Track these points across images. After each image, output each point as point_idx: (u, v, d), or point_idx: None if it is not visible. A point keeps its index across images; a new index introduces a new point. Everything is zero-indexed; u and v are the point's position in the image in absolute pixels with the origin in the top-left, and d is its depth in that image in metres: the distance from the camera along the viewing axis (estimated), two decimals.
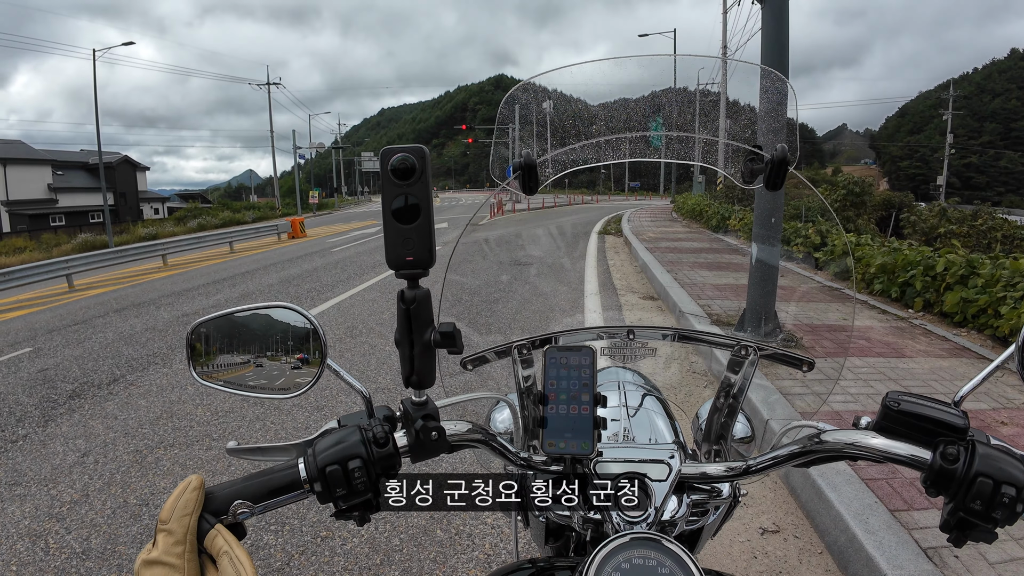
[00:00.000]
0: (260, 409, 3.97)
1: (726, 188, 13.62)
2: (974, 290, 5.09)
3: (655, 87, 0.84)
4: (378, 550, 2.40)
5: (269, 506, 0.55)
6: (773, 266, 3.72)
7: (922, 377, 3.81)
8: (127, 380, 4.81)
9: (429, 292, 0.58)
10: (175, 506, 0.51)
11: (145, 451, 3.42)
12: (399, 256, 0.55)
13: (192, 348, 0.60)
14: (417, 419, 0.60)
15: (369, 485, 0.55)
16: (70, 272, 11.56)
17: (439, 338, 0.58)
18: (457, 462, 2.89)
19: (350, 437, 0.56)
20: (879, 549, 1.99)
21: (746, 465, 0.64)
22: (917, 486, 2.42)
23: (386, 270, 10.10)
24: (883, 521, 2.16)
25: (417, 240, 0.55)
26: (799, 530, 2.43)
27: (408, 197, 0.54)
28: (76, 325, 7.27)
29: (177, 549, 0.49)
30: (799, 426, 0.65)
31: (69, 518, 2.73)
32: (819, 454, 0.59)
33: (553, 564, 0.68)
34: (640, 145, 0.75)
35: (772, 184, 0.65)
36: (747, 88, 0.80)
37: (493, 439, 0.64)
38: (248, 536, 2.50)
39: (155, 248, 14.88)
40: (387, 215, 0.54)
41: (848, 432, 0.58)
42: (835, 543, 2.23)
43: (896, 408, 0.55)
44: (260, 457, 0.62)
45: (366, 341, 5.58)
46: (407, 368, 0.59)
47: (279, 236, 20.33)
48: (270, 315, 0.61)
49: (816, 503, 2.44)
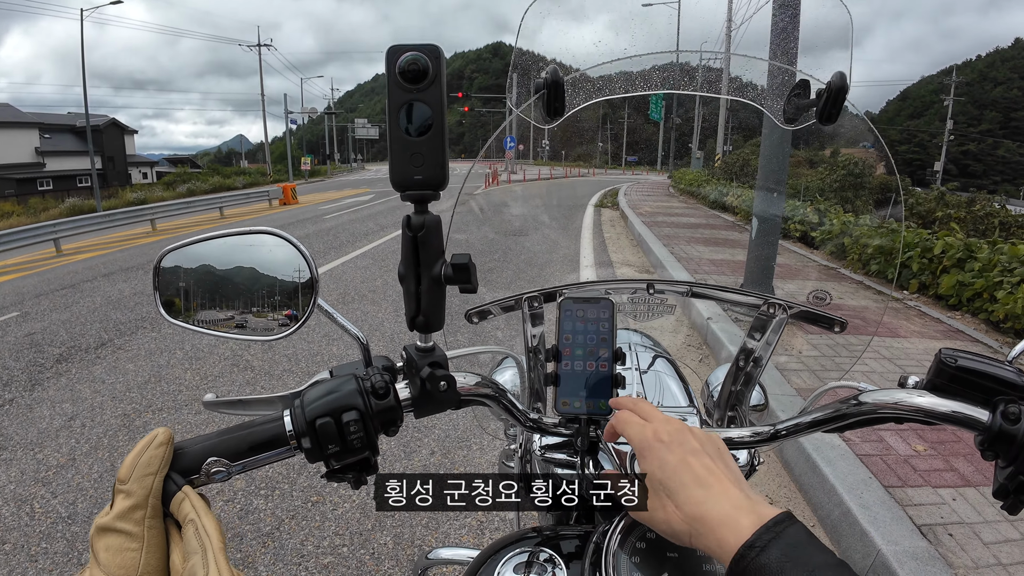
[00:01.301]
0: (250, 374, 3.92)
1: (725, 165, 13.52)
2: (970, 274, 5.08)
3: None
4: (369, 515, 2.38)
5: (248, 464, 0.48)
6: (773, 241, 3.67)
7: (916, 357, 3.81)
8: (115, 344, 4.73)
9: (440, 219, 0.50)
10: (136, 464, 0.43)
11: (133, 415, 3.37)
12: (406, 174, 0.47)
13: (159, 279, 0.53)
14: (423, 367, 0.53)
15: (366, 441, 0.48)
16: (58, 236, 11.39)
17: (451, 272, 0.50)
18: (450, 459, 2.86)
19: (344, 386, 0.49)
20: (873, 524, 1.99)
21: (774, 430, 0.59)
22: (912, 463, 2.42)
23: (379, 238, 10.05)
24: (877, 497, 2.16)
25: (428, 156, 0.47)
26: (792, 503, 2.43)
27: (418, 105, 0.46)
28: (64, 289, 7.15)
29: (136, 515, 0.42)
30: (837, 387, 0.60)
31: (55, 482, 2.69)
32: (857, 417, 0.54)
33: (559, 533, 0.63)
34: (675, 74, 0.67)
35: (828, 116, 0.58)
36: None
37: (503, 395, 0.57)
38: (237, 500, 2.48)
39: (144, 213, 14.66)
40: (393, 125, 0.46)
41: (892, 392, 0.53)
42: (828, 517, 2.23)
43: (953, 364, 0.49)
44: (241, 410, 0.55)
45: (358, 308, 5.51)
46: (412, 307, 0.51)
47: (270, 202, 20.05)
48: (251, 246, 0.53)
49: (810, 477, 2.43)
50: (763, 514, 0.40)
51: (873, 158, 6.29)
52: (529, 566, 0.56)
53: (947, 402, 0.50)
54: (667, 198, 9.44)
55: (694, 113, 26.30)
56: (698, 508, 0.42)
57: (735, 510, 0.41)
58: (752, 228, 4.44)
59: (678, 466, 0.45)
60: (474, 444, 2.93)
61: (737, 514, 0.40)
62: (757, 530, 0.38)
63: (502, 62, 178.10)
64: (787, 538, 0.37)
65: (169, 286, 0.54)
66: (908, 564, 1.80)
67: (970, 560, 1.86)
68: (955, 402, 0.50)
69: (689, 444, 0.47)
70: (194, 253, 0.53)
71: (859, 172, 9.07)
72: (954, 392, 0.50)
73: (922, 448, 2.55)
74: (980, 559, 1.87)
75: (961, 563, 1.84)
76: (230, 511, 2.42)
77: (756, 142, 11.48)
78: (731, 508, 0.41)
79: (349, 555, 2.16)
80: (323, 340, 4.52)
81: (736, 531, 0.39)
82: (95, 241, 12.57)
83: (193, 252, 0.53)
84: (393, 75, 0.46)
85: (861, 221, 7.65)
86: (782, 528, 0.38)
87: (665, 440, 0.47)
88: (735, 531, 0.39)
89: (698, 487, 0.43)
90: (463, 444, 2.92)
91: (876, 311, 5.06)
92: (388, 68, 0.46)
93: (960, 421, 0.49)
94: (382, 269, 7.28)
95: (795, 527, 0.38)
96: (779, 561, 0.36)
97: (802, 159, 6.34)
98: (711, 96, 0.72)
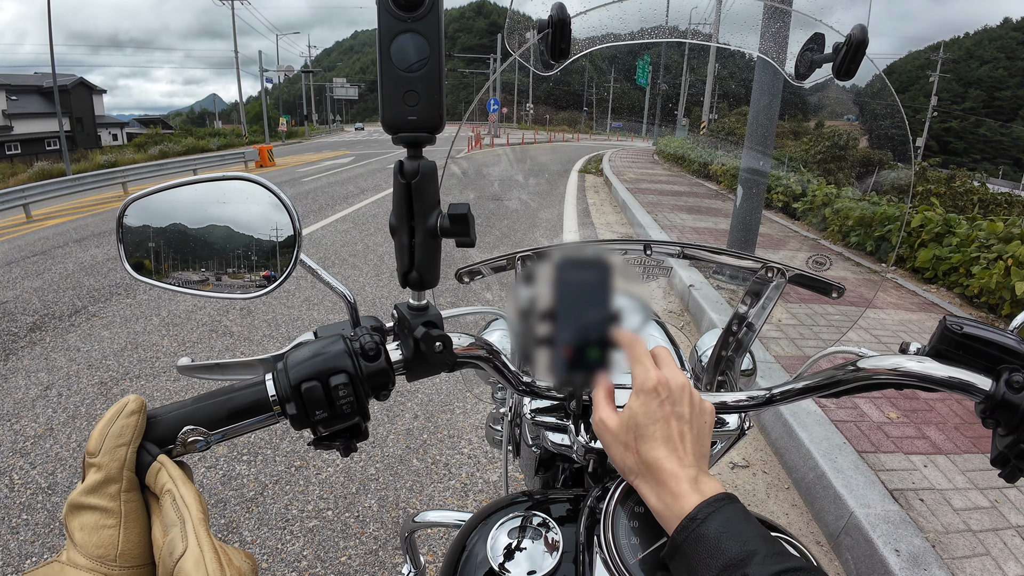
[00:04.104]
0: (229, 340, 3.86)
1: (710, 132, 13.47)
2: (948, 248, 5.17)
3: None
4: (353, 479, 2.39)
5: (228, 433, 0.45)
6: (758, 207, 3.68)
7: (891, 328, 3.89)
8: (89, 311, 4.61)
9: (435, 165, 0.46)
10: (105, 434, 0.40)
11: (110, 383, 3.31)
12: (399, 115, 0.42)
13: (124, 231, 0.48)
14: (417, 326, 0.49)
15: (356, 407, 0.45)
16: (27, 202, 10.97)
17: (447, 223, 0.46)
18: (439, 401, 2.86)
19: (331, 347, 0.45)
20: (847, 488, 2.05)
21: (769, 394, 0.58)
22: (885, 430, 2.49)
23: (359, 201, 9.88)
24: (851, 461, 2.22)
25: (424, 95, 0.42)
26: (767, 466, 2.50)
27: (413, 36, 0.41)
28: (35, 256, 6.92)
29: (110, 489, 0.39)
30: (836, 352, 0.59)
31: (33, 453, 2.64)
32: (854, 383, 0.54)
33: (549, 497, 0.63)
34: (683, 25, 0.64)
35: (846, 71, 0.55)
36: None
37: (497, 357, 0.55)
38: (219, 467, 2.46)
39: (114, 176, 14.18)
40: (384, 59, 0.41)
41: (893, 357, 0.52)
42: (803, 480, 2.29)
43: (959, 332, 0.49)
44: (219, 375, 0.52)
45: (339, 272, 5.44)
46: (405, 262, 0.48)
47: (246, 164, 19.51)
48: (225, 194, 0.48)
49: (786, 440, 2.49)
50: (706, 492, 0.44)
51: (857, 131, 6.29)
52: (523, 530, 0.55)
53: (949, 368, 0.49)
54: (651, 165, 9.38)
55: (680, 80, 26.03)
56: (656, 461, 0.46)
57: (687, 482, 0.44)
58: (737, 196, 4.45)
59: (659, 420, 0.47)
60: (457, 408, 2.94)
61: (688, 487, 0.44)
62: (699, 504, 0.42)
63: (486, 21, 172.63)
64: (726, 512, 0.42)
65: (138, 246, 0.50)
66: (880, 527, 1.87)
67: (940, 525, 1.93)
68: (957, 368, 0.49)
69: (679, 407, 0.48)
70: (163, 203, 0.49)
71: (843, 144, 9.11)
72: (957, 359, 0.50)
73: (895, 415, 2.62)
74: (950, 524, 1.94)
75: (932, 527, 1.91)
76: (212, 477, 2.41)
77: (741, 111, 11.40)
78: (685, 480, 0.45)
79: (334, 518, 2.17)
80: (303, 305, 4.45)
81: (682, 503, 0.43)
82: (66, 206, 12.15)
83: (161, 202, 0.49)
84: (384, 0, 0.41)
85: (844, 193, 7.72)
86: (721, 504, 0.42)
87: (662, 394, 0.48)
88: (681, 503, 0.43)
89: (664, 446, 0.46)
90: (446, 408, 2.94)
91: (855, 282, 5.15)
92: None
93: (962, 387, 0.49)
94: (362, 234, 7.17)
95: (734, 505, 0.43)
96: (716, 532, 0.40)
97: (787, 130, 6.32)
98: (722, 46, 0.68)
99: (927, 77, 54.04)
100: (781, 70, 0.65)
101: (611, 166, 10.20)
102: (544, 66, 0.59)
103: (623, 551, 0.46)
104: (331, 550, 2.03)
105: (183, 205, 0.49)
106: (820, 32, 0.60)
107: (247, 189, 0.48)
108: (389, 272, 5.41)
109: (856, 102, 1.10)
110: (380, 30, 0.41)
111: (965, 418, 2.64)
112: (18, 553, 2.03)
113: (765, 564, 0.38)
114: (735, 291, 3.37)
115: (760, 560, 0.38)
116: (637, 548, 0.46)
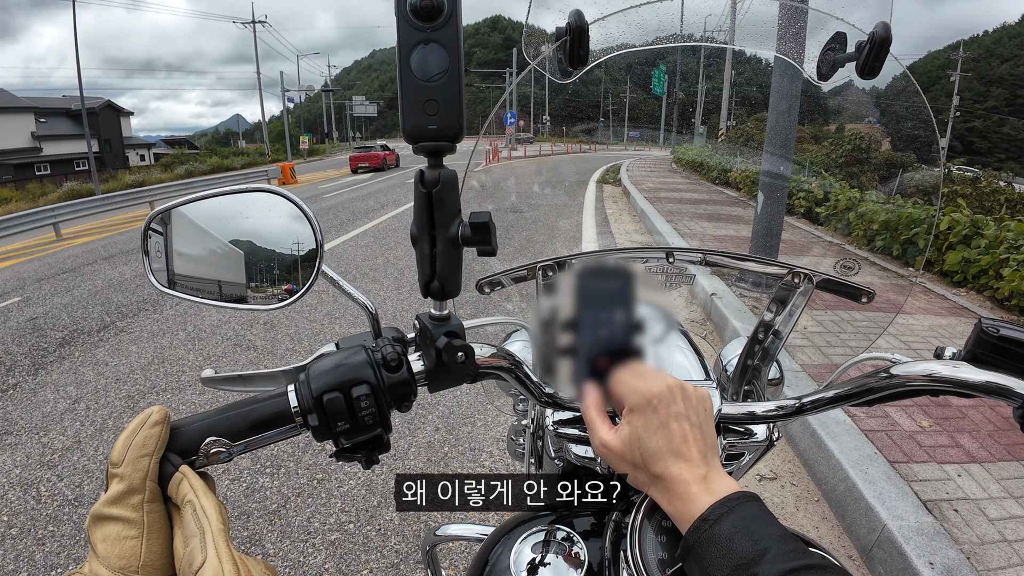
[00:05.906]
0: (253, 354, 3.91)
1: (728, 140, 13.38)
2: (976, 251, 5.03)
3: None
4: (375, 492, 2.39)
5: (251, 444, 0.45)
6: (780, 212, 3.63)
7: (921, 334, 3.79)
8: (117, 327, 4.72)
9: (456, 174, 0.46)
10: (129, 444, 0.40)
11: (137, 396, 3.37)
12: (419, 124, 0.42)
13: (148, 244, 0.49)
14: (439, 336, 0.49)
15: (378, 418, 0.45)
16: (57, 221, 11.37)
17: (469, 232, 0.46)
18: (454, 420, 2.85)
19: (353, 358, 0.45)
20: (879, 499, 1.99)
21: (799, 403, 0.56)
22: (917, 439, 2.41)
23: (379, 216, 9.99)
24: (883, 472, 2.15)
25: (443, 104, 0.42)
26: (796, 478, 2.43)
27: (432, 46, 0.41)
28: (65, 273, 7.13)
29: (133, 499, 0.39)
30: (867, 359, 0.58)
31: (61, 465, 2.70)
32: (887, 390, 0.52)
33: (573, 511, 0.61)
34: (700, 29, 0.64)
35: (870, 70, 0.54)
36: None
37: (519, 368, 0.55)
38: (242, 479, 2.48)
39: (142, 195, 14.64)
40: (404, 69, 0.42)
41: (927, 363, 0.50)
42: (833, 492, 2.23)
43: (996, 334, 0.47)
44: (242, 386, 0.52)
45: (360, 286, 5.45)
46: (427, 271, 0.47)
47: (269, 182, 19.91)
48: (247, 207, 0.49)
49: (814, 452, 2.43)
50: (719, 491, 0.42)
51: (879, 133, 6.18)
52: (547, 544, 0.54)
53: (985, 372, 0.47)
54: (669, 174, 9.35)
55: (697, 87, 25.90)
56: (665, 471, 0.45)
57: (696, 484, 0.43)
58: (758, 202, 4.39)
59: (658, 428, 0.47)
60: (478, 420, 2.93)
61: (698, 489, 0.43)
62: (712, 505, 0.41)
63: (501, 36, 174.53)
64: (740, 512, 0.40)
65: (164, 259, 0.51)
66: (914, 539, 1.80)
67: (975, 536, 1.86)
68: (994, 372, 0.47)
69: (674, 407, 0.47)
70: (187, 217, 0.50)
71: (866, 147, 8.96)
72: (994, 363, 0.48)
73: (927, 424, 2.54)
74: (985, 535, 1.86)
75: (967, 539, 1.84)
76: (236, 489, 2.43)
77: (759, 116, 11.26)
78: (694, 482, 0.43)
79: (355, 531, 2.17)
80: (326, 319, 4.50)
81: (692, 506, 0.42)
82: (94, 224, 12.53)
83: (186, 215, 0.50)
84: (403, 11, 0.41)
85: (868, 197, 7.60)
86: (735, 504, 0.41)
87: (652, 402, 0.48)
88: (691, 506, 0.42)
89: (670, 454, 0.45)
90: (467, 420, 2.93)
91: (882, 287, 5.04)
92: (397, 4, 0.41)
93: (999, 392, 0.47)
94: (383, 247, 7.25)
95: (750, 504, 0.41)
96: (729, 532, 0.39)
97: (807, 134, 6.23)
98: (739, 48, 0.68)
99: (948, 77, 53.10)
100: (802, 70, 0.64)
101: (629, 176, 10.18)
102: (562, 74, 0.59)
103: (650, 567, 0.45)
104: (353, 563, 2.02)
105: (206, 218, 0.50)
106: (842, 31, 0.59)
107: (269, 201, 0.49)
108: (409, 285, 5.44)
109: (878, 104, 1.08)
110: (400, 41, 0.42)
111: (999, 425, 2.55)
112: (43, 564, 2.07)
113: (776, 562, 0.37)
114: (758, 299, 3.32)
115: (771, 558, 0.37)
116: (665, 564, 0.45)
